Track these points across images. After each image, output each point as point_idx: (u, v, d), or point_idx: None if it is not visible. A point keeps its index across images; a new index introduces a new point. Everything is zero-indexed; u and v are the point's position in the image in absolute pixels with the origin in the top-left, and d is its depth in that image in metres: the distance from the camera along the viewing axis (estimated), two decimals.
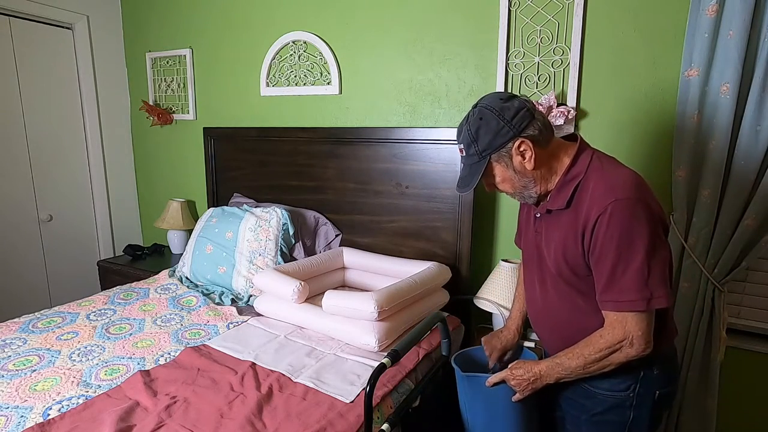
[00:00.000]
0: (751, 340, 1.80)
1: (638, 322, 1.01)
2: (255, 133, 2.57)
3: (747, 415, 1.83)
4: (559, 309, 1.19)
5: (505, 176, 1.14)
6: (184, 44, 2.84)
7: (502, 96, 1.10)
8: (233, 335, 1.76)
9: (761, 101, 1.52)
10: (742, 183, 1.59)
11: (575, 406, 1.23)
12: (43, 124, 2.75)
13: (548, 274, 1.19)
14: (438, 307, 1.95)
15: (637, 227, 0.99)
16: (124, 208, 3.23)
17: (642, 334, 1.01)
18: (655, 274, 0.99)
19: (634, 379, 1.13)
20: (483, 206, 2.13)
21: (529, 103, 1.09)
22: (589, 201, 1.04)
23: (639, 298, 0.99)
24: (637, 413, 1.15)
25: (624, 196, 0.99)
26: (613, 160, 1.13)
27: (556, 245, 1.12)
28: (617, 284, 1.01)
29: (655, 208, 1.02)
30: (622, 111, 1.83)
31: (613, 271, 1.01)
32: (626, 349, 1.03)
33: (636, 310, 1.00)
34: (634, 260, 0.99)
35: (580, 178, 1.09)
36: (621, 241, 0.99)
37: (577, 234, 1.06)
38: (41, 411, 1.28)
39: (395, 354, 1.22)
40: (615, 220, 0.99)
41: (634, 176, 1.06)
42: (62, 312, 1.94)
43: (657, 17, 1.72)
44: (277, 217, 2.28)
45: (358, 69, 2.34)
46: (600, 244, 1.02)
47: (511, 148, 1.08)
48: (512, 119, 1.07)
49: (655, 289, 0.99)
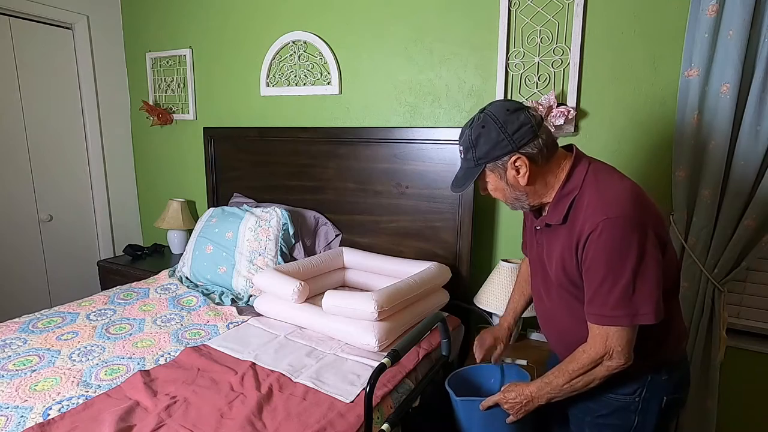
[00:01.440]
0: (751, 340, 1.80)
1: (620, 338, 1.02)
2: (255, 133, 2.57)
3: (747, 415, 1.83)
4: (562, 316, 1.20)
5: (497, 186, 1.15)
6: (184, 44, 2.84)
7: (510, 107, 1.09)
8: (233, 335, 1.76)
9: (761, 101, 1.52)
10: (742, 183, 1.59)
11: (579, 407, 1.23)
12: (43, 124, 2.75)
13: (551, 284, 1.20)
14: (438, 307, 1.95)
15: (626, 246, 0.99)
16: (124, 208, 3.23)
17: (622, 349, 1.03)
18: (641, 291, 1.00)
19: (642, 383, 1.13)
20: (483, 206, 2.13)
21: (534, 119, 1.08)
22: (583, 217, 1.05)
23: (623, 314, 1.01)
24: (641, 418, 1.14)
25: (615, 215, 1.00)
26: (609, 172, 1.12)
27: (556, 258, 1.13)
28: (603, 299, 1.02)
29: (651, 223, 1.02)
30: (622, 111, 1.83)
31: (600, 286, 1.02)
32: (606, 362, 1.05)
33: (619, 325, 1.02)
34: (622, 278, 1.00)
35: (575, 193, 1.09)
36: (610, 258, 1.00)
37: (572, 248, 1.07)
38: (41, 411, 1.28)
39: (395, 354, 1.22)
40: (605, 238, 1.00)
41: (630, 190, 1.05)
42: (62, 312, 1.94)
43: (657, 17, 1.72)
44: (277, 217, 2.28)
45: (358, 69, 2.34)
46: (590, 259, 1.03)
47: (507, 161, 1.09)
48: (513, 134, 1.06)
49: (641, 306, 1.00)
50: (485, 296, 1.91)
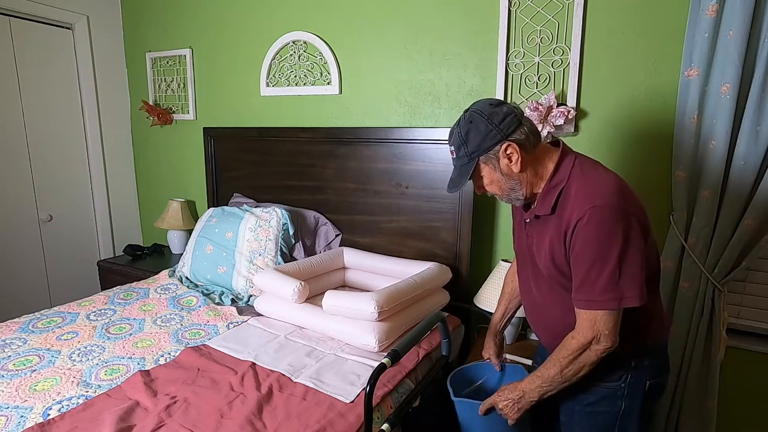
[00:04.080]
0: (751, 340, 1.80)
1: (607, 321, 1.07)
2: (255, 133, 2.57)
3: (747, 415, 1.83)
4: (551, 307, 1.24)
5: (492, 178, 1.19)
6: (184, 44, 2.84)
7: (492, 102, 1.16)
8: (233, 335, 1.76)
9: (761, 101, 1.52)
10: (742, 183, 1.59)
11: (569, 396, 1.27)
12: (43, 124, 2.76)
13: (540, 275, 1.24)
14: (438, 307, 1.95)
15: (612, 233, 1.04)
16: (124, 208, 3.23)
17: (609, 332, 1.08)
18: (626, 275, 1.05)
19: (626, 369, 1.18)
20: (483, 206, 2.13)
21: (517, 110, 1.15)
22: (571, 207, 1.10)
23: (610, 297, 1.06)
24: (628, 403, 1.20)
25: (601, 203, 1.05)
26: (594, 165, 1.18)
27: (546, 248, 1.17)
28: (591, 285, 1.07)
29: (634, 212, 1.07)
30: (622, 111, 1.83)
31: (588, 273, 1.07)
32: (595, 346, 1.10)
33: (607, 309, 1.07)
34: (609, 263, 1.05)
35: (563, 184, 1.14)
36: (597, 245, 1.05)
37: (561, 237, 1.12)
38: (41, 411, 1.28)
39: (395, 354, 1.22)
40: (592, 226, 1.05)
41: (615, 182, 1.10)
42: (62, 312, 1.94)
43: (657, 17, 1.72)
44: (277, 217, 2.28)
45: (358, 69, 2.34)
46: (578, 247, 1.08)
47: (498, 150, 1.14)
48: (500, 123, 1.13)
49: (626, 290, 1.05)
50: (485, 296, 1.91)
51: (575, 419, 1.26)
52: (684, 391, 1.79)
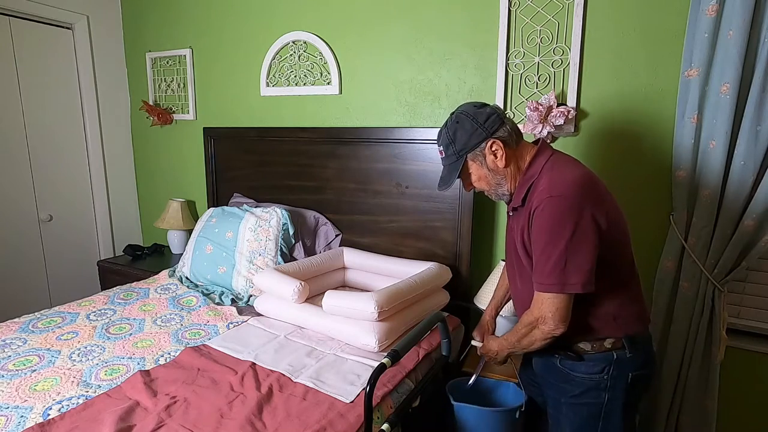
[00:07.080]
0: (751, 340, 1.80)
1: (551, 305, 1.15)
2: (255, 133, 2.57)
3: (747, 415, 1.83)
4: (528, 294, 1.28)
5: (480, 174, 1.30)
6: (184, 44, 2.84)
7: (476, 104, 1.28)
8: (233, 335, 1.76)
9: (761, 101, 1.52)
10: (742, 183, 1.59)
11: (555, 389, 1.32)
12: (43, 124, 2.75)
13: (520, 264, 1.31)
14: (438, 307, 1.95)
15: (563, 222, 1.12)
16: (124, 208, 3.23)
17: (552, 315, 1.15)
18: (572, 263, 1.12)
19: (608, 361, 1.23)
20: (483, 206, 2.13)
21: (499, 110, 1.27)
22: (535, 197, 1.19)
23: (554, 282, 1.14)
24: (611, 395, 1.24)
25: (557, 194, 1.13)
26: (567, 162, 1.24)
27: (518, 238, 1.26)
28: (541, 267, 1.16)
29: (590, 206, 1.13)
30: (622, 111, 1.83)
31: (540, 256, 1.16)
32: (541, 326, 1.18)
33: (551, 292, 1.15)
34: (556, 250, 1.12)
35: (534, 178, 1.23)
36: (548, 231, 1.14)
37: (525, 224, 1.21)
38: (41, 411, 1.28)
39: (395, 354, 1.22)
40: (546, 214, 1.14)
41: (579, 176, 1.17)
42: (62, 312, 1.94)
43: (657, 17, 1.72)
44: (277, 217, 2.28)
45: (358, 69, 2.34)
46: (534, 232, 1.18)
47: (484, 147, 1.25)
48: (485, 122, 1.24)
49: (570, 277, 1.12)
50: (485, 296, 1.91)
51: (562, 411, 1.31)
52: (684, 391, 1.79)
